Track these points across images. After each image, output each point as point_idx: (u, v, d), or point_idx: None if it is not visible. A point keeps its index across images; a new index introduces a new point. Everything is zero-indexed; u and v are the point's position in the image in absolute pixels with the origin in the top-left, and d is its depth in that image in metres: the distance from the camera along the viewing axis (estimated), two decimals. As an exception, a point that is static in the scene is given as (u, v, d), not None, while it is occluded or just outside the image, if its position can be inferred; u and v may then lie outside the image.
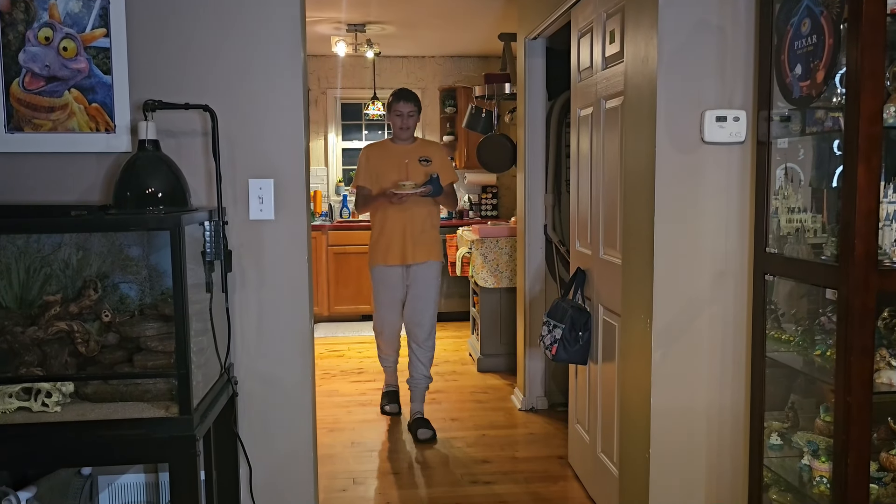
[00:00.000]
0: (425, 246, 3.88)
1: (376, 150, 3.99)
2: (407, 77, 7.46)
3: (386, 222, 3.86)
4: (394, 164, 3.85)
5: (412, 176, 3.81)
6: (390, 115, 3.89)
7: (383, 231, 3.87)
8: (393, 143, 3.97)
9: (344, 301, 6.75)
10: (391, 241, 3.84)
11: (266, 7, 2.23)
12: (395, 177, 3.81)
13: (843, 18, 1.84)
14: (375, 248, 3.91)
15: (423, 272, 3.90)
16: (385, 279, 3.92)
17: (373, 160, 3.91)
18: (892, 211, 1.97)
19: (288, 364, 2.32)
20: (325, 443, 3.79)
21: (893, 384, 1.94)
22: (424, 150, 3.94)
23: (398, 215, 3.82)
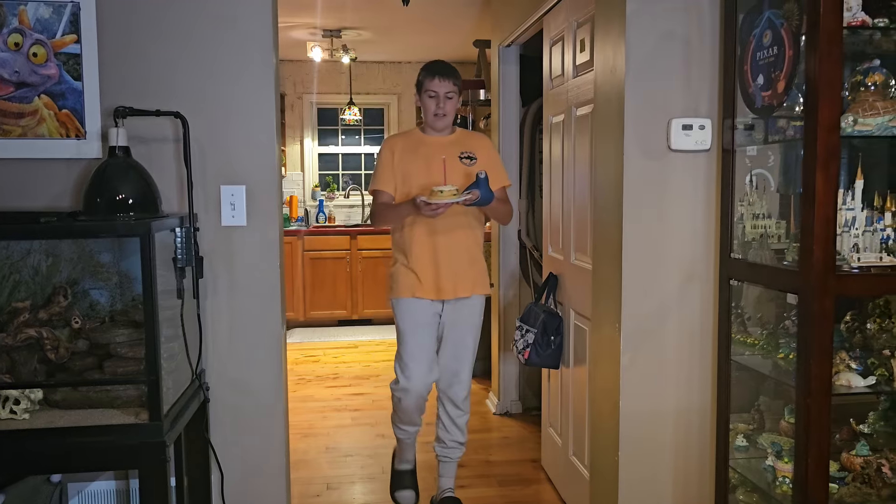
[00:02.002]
0: (469, 274, 2.82)
1: (402, 142, 2.87)
2: (383, 82, 7.48)
3: (414, 242, 2.76)
4: (426, 161, 2.78)
5: (451, 178, 2.67)
6: (421, 97, 2.82)
7: (411, 253, 2.78)
8: (423, 133, 2.87)
9: (320, 306, 6.74)
10: (422, 267, 2.77)
11: (238, 14, 2.24)
12: (427, 179, 2.72)
13: (801, 31, 1.89)
14: (400, 275, 2.81)
15: (467, 310, 2.85)
16: (414, 315, 2.80)
17: (398, 156, 2.81)
18: (851, 218, 2.03)
19: (260, 370, 2.33)
20: (300, 448, 3.79)
21: (852, 386, 2.00)
22: (467, 144, 2.85)
23: (432, 233, 2.75)
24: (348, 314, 6.80)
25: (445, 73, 2.78)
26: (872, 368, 2.09)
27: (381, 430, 4.08)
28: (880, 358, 2.10)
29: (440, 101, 2.77)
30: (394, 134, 3.17)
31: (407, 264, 2.80)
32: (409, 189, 2.77)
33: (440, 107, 2.77)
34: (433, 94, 2.77)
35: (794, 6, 1.92)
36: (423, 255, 2.78)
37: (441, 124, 2.81)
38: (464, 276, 2.82)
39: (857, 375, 2.02)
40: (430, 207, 2.56)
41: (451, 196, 2.53)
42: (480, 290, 2.88)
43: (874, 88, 2.01)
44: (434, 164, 2.74)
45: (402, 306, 2.83)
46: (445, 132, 2.86)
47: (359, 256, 6.76)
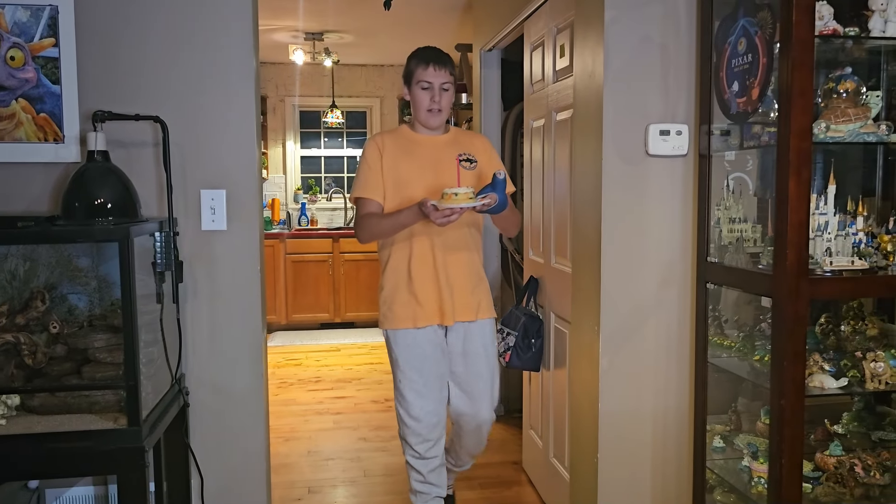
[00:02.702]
0: (475, 295, 2.48)
1: (391, 142, 2.46)
2: (366, 85, 7.49)
3: (413, 258, 2.40)
4: (422, 163, 2.42)
5: (454, 181, 2.37)
6: (412, 89, 2.42)
7: (411, 272, 2.40)
8: (413, 131, 2.49)
9: (302, 309, 6.72)
10: (424, 288, 2.40)
11: (218, 18, 2.24)
12: (424, 184, 2.37)
13: (775, 39, 1.93)
14: (396, 300, 2.42)
15: (476, 337, 2.49)
16: (418, 349, 2.43)
17: (388, 159, 2.41)
18: (824, 222, 2.07)
19: (240, 374, 2.33)
20: (281, 452, 3.79)
21: (825, 387, 2.03)
22: (465, 144, 2.50)
23: (434, 247, 2.40)
24: (331, 317, 6.79)
25: (440, 61, 2.39)
26: (845, 370, 2.12)
27: (363, 433, 4.09)
28: (853, 360, 2.14)
29: (435, 93, 2.38)
30: (378, 132, 2.69)
31: (405, 286, 2.40)
32: (402, 198, 2.36)
33: (435, 101, 2.38)
34: (426, 85, 2.38)
35: (767, 15, 1.96)
36: (425, 273, 2.39)
37: (436, 121, 2.42)
38: (470, 297, 2.47)
39: (829, 377, 2.05)
40: (443, 213, 2.14)
41: (468, 199, 2.15)
42: (487, 314, 2.53)
43: (846, 95, 2.05)
44: (431, 165, 2.41)
45: (401, 340, 2.44)
46: (439, 131, 2.49)
47: (341, 259, 6.75)
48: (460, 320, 2.47)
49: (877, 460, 2.19)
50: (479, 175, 2.45)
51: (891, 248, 2.13)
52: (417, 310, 2.41)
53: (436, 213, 2.16)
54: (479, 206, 2.19)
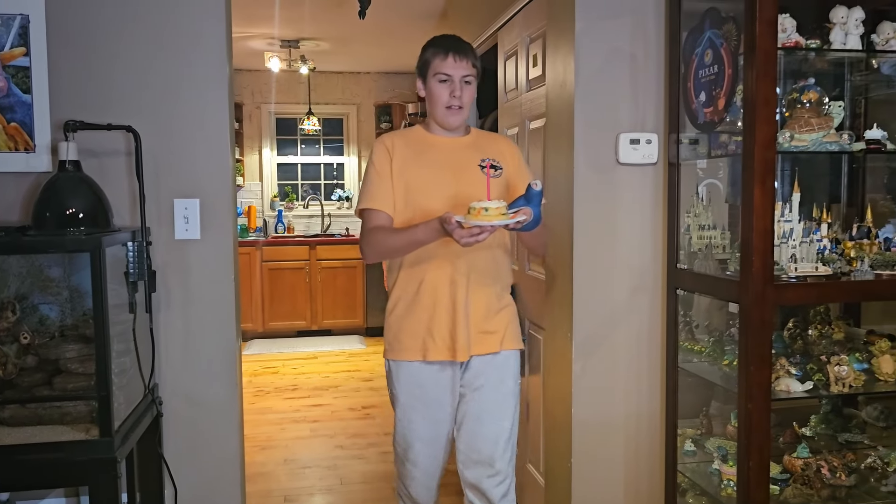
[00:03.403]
0: (499, 322, 2.13)
1: (403, 143, 2.13)
2: (342, 93, 7.49)
3: (427, 283, 2.06)
4: (439, 169, 2.08)
5: (478, 193, 1.99)
6: (427, 83, 2.08)
7: (421, 300, 2.07)
8: (429, 132, 2.15)
9: (278, 317, 6.70)
10: (438, 315, 2.06)
11: (191, 26, 2.24)
12: (441, 194, 2.05)
13: (740, 51, 1.97)
14: (403, 327, 2.10)
15: (496, 372, 2.12)
16: (422, 388, 2.10)
17: (399, 162, 2.09)
18: (789, 229, 2.12)
19: (214, 383, 2.32)
20: (257, 461, 3.77)
21: (791, 391, 2.07)
22: (489, 147, 2.16)
23: (453, 270, 2.05)
24: (308, 325, 6.77)
25: (461, 50, 2.05)
26: (811, 374, 2.17)
27: (340, 441, 4.08)
28: (819, 363, 2.19)
29: (455, 87, 2.03)
30: (388, 133, 2.28)
31: (416, 315, 2.07)
32: (415, 209, 2.04)
33: (455, 96, 2.03)
34: (445, 77, 2.03)
35: (732, 27, 2.00)
36: (441, 302, 2.04)
37: (456, 120, 2.08)
38: (492, 326, 2.10)
39: (795, 381, 2.10)
40: (471, 232, 1.79)
41: (500, 215, 1.79)
42: (513, 344, 2.13)
43: (809, 106, 2.11)
44: (449, 173, 2.07)
45: (404, 375, 2.11)
46: (459, 131, 2.14)
47: (318, 267, 6.74)
48: (477, 353, 2.08)
49: (842, 462, 2.24)
50: (505, 184, 2.12)
51: (854, 254, 2.19)
52: (428, 341, 2.06)
53: (461, 232, 1.79)
54: (514, 224, 1.81)
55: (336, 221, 7.45)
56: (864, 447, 2.45)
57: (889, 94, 2.71)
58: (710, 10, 2.12)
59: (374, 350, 6.34)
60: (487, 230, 1.80)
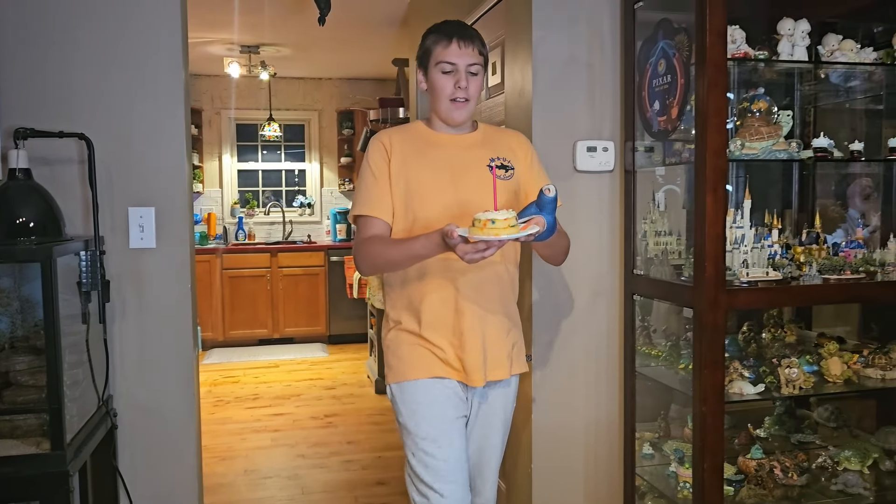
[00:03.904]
0: (507, 344, 1.92)
1: (402, 141, 1.91)
2: (304, 98, 7.45)
3: (427, 302, 1.86)
4: (442, 171, 1.87)
5: (485, 198, 1.79)
6: (429, 73, 1.86)
7: (420, 320, 1.86)
8: (431, 129, 1.94)
9: (239, 325, 6.62)
10: (442, 336, 1.85)
11: (146, 31, 2.21)
12: (444, 200, 1.84)
13: (691, 61, 2.02)
14: (405, 346, 1.88)
15: (500, 398, 1.96)
16: (439, 405, 1.86)
17: (399, 163, 1.87)
18: (741, 235, 2.17)
19: (171, 393, 2.29)
20: (217, 472, 3.72)
21: (744, 394, 2.12)
22: (499, 145, 1.95)
23: (455, 290, 1.85)
24: (269, 333, 6.70)
25: (467, 36, 1.83)
26: (763, 376, 2.22)
27: (302, 450, 4.05)
28: (771, 366, 2.24)
29: (461, 77, 1.82)
30: (386, 129, 2.01)
31: (417, 331, 1.86)
32: (415, 217, 1.83)
33: (461, 87, 1.82)
34: (449, 67, 1.82)
35: (684, 38, 2.05)
36: (443, 323, 1.85)
37: (461, 115, 1.86)
38: (501, 349, 1.90)
39: (748, 383, 2.14)
40: (476, 247, 1.57)
41: (509, 227, 1.56)
42: (519, 367, 1.97)
43: (759, 115, 2.16)
44: (454, 177, 1.85)
45: (415, 394, 1.86)
46: (465, 128, 1.93)
47: (280, 274, 6.68)
48: (493, 379, 1.89)
49: (794, 462, 2.30)
50: (516, 187, 1.92)
51: (803, 259, 2.25)
52: (434, 361, 1.86)
53: (465, 247, 1.58)
54: (525, 237, 1.60)
55: (298, 228, 7.40)
56: (816, 447, 2.51)
57: (837, 103, 2.80)
58: (663, 20, 2.17)
59: (336, 358, 6.31)
60: (494, 245, 1.57)
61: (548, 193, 1.65)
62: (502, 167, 1.91)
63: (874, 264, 2.25)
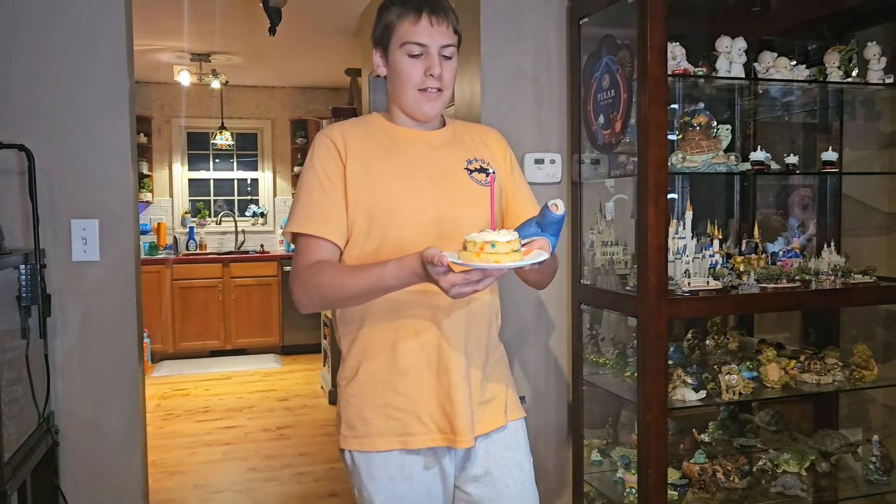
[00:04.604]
0: (499, 382, 1.58)
1: (360, 139, 1.50)
2: (256, 107, 7.38)
3: (401, 341, 1.47)
4: (412, 176, 1.49)
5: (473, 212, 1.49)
6: (391, 55, 1.48)
7: (394, 361, 1.48)
8: (392, 123, 1.55)
9: (190, 337, 6.50)
10: (418, 386, 1.48)
11: (88, 39, 2.18)
12: (423, 215, 1.47)
13: (633, 76, 2.07)
14: (366, 402, 1.49)
15: (512, 452, 1.57)
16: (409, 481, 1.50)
17: (357, 167, 1.47)
18: (682, 246, 2.23)
19: (115, 408, 2.24)
20: (166, 487, 3.65)
21: (686, 400, 2.17)
22: (473, 144, 1.60)
23: (436, 326, 1.47)
24: (221, 344, 6.60)
25: (440, 10, 1.46)
26: (706, 383, 2.28)
27: (253, 463, 4.00)
28: (713, 373, 2.30)
29: (432, 63, 1.44)
30: (336, 123, 1.54)
31: (389, 381, 1.46)
32: (382, 239, 1.44)
33: (433, 75, 1.44)
34: (419, 49, 1.44)
35: (626, 54, 2.10)
36: (422, 364, 1.46)
37: (432, 109, 1.48)
38: (491, 390, 1.54)
39: (690, 390, 2.20)
40: (468, 278, 1.22)
41: (513, 253, 1.21)
42: (517, 411, 1.60)
43: (699, 129, 2.23)
44: (427, 182, 1.48)
45: (380, 470, 1.49)
46: (434, 123, 1.55)
47: (232, 285, 6.59)
48: (483, 433, 1.51)
49: (735, 466, 2.36)
50: (498, 194, 1.57)
51: (743, 268, 2.32)
52: (412, 423, 1.46)
53: (453, 278, 1.22)
54: (531, 265, 1.24)
55: (250, 238, 7.32)
56: (758, 451, 2.59)
57: (775, 117, 2.90)
58: (606, 36, 2.22)
59: (289, 369, 6.24)
60: (492, 276, 1.22)
61: (555, 211, 1.33)
62: (481, 170, 1.54)
63: (809, 273, 2.33)
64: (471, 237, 1.22)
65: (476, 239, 1.21)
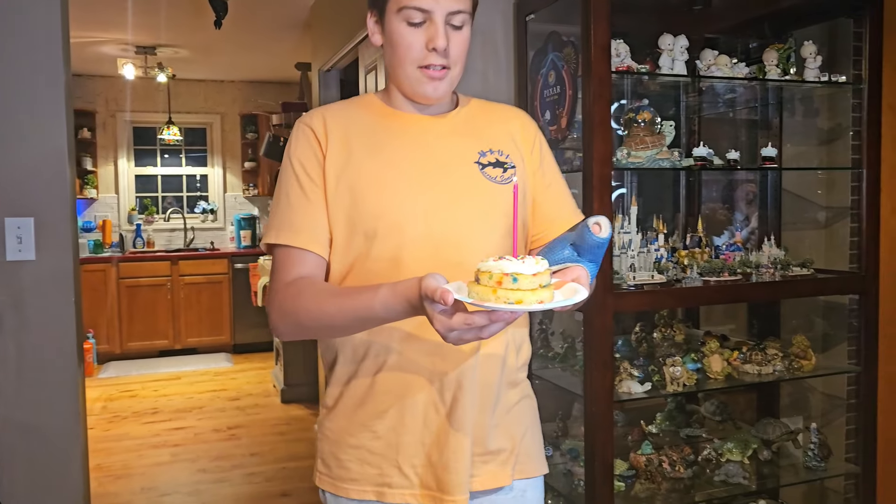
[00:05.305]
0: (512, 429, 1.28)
1: (343, 124, 1.24)
2: (205, 102, 7.25)
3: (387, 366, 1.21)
4: (412, 171, 1.22)
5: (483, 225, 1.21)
6: (387, 22, 1.19)
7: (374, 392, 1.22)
8: (390, 106, 1.28)
9: (138, 337, 6.36)
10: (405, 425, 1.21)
11: (21, 29, 2.10)
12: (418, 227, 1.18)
13: (579, 73, 2.09)
14: (344, 440, 1.24)
15: None
16: None
17: (339, 160, 1.21)
18: (628, 240, 2.26)
19: (54, 412, 2.18)
20: (111, 491, 3.56)
21: (632, 392, 2.21)
22: (490, 131, 1.30)
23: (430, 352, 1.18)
24: (170, 344, 6.47)
25: None
26: (652, 375, 2.32)
27: (203, 464, 3.93)
28: (658, 365, 2.34)
29: (437, 32, 1.17)
30: (319, 108, 1.27)
31: (370, 421, 1.23)
32: (367, 254, 1.19)
33: (438, 49, 1.17)
34: (421, 16, 1.17)
35: (571, 51, 2.12)
36: (415, 396, 1.20)
37: (436, 91, 1.21)
38: (498, 439, 1.25)
39: (636, 382, 2.23)
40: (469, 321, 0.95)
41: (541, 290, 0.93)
42: (532, 467, 1.32)
43: (644, 125, 2.26)
44: (430, 181, 1.22)
45: None
46: (444, 105, 1.29)
47: (181, 283, 6.47)
48: (481, 489, 1.25)
49: (681, 456, 2.41)
50: (522, 199, 1.26)
51: (687, 262, 2.36)
52: (390, 472, 1.22)
53: (456, 320, 0.95)
54: (563, 307, 0.96)
55: (200, 235, 7.19)
56: (703, 440, 2.64)
57: (719, 114, 2.96)
58: (552, 33, 2.24)
59: (241, 368, 6.16)
60: (505, 319, 0.94)
61: (597, 233, 1.03)
62: (497, 165, 1.24)
63: (750, 266, 2.39)
64: (486, 266, 0.94)
65: (492, 269, 0.92)
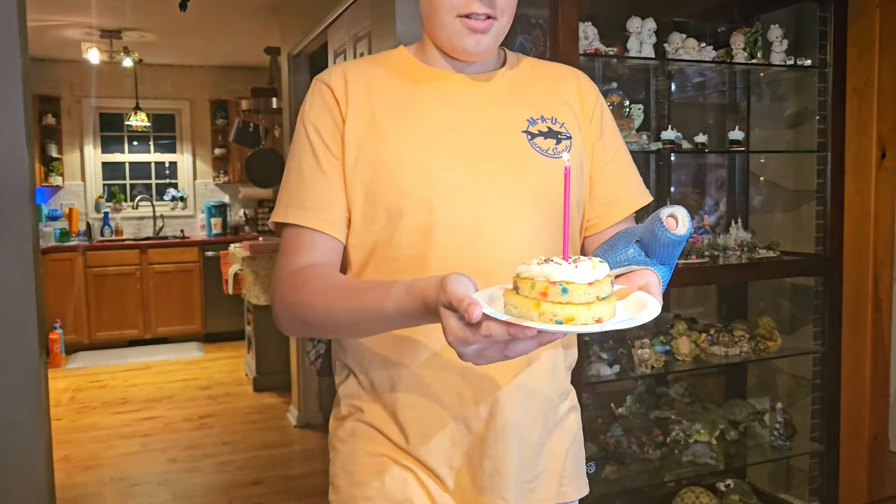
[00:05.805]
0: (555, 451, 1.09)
1: (368, 83, 1.04)
2: (173, 87, 7.12)
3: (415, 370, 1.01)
4: (438, 143, 1.00)
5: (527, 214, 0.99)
6: None
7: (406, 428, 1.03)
8: (425, 63, 1.07)
9: (107, 326, 6.27)
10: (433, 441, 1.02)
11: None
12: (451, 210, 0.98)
13: (546, 56, 2.08)
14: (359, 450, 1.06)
15: None
16: None
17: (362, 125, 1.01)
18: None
19: (15, 404, 2.13)
20: (79, 482, 3.51)
21: (601, 375, 2.22)
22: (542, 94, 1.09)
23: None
24: (140, 333, 6.39)
25: None
26: (621, 358, 2.33)
27: (173, 454, 3.89)
28: (627, 348, 2.36)
29: None
30: (340, 63, 1.07)
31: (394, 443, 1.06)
32: (387, 240, 1.01)
33: None
34: None
35: (539, 33, 2.11)
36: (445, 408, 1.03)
37: (479, 46, 1.02)
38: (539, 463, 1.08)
39: (605, 365, 2.25)
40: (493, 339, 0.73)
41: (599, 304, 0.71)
42: (573, 489, 1.12)
43: (612, 108, 2.26)
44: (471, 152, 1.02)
45: None
46: (488, 62, 1.10)
47: (150, 271, 6.38)
48: None
49: (649, 437, 2.43)
50: (579, 174, 1.07)
51: (656, 245, 2.37)
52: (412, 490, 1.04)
53: (480, 333, 0.73)
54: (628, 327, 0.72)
55: (170, 223, 7.09)
56: (672, 422, 2.67)
57: (687, 97, 2.98)
58: (520, 15, 2.22)
59: (212, 357, 6.10)
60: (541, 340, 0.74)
61: (673, 229, 0.83)
62: (550, 135, 1.04)
63: (718, 249, 2.40)
64: (527, 271, 0.73)
65: (536, 276, 0.72)
